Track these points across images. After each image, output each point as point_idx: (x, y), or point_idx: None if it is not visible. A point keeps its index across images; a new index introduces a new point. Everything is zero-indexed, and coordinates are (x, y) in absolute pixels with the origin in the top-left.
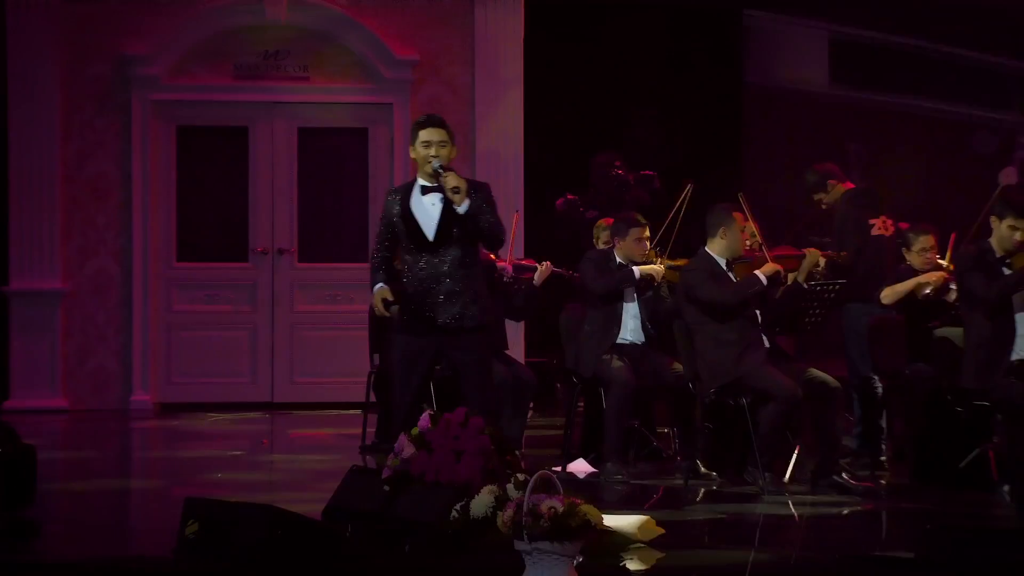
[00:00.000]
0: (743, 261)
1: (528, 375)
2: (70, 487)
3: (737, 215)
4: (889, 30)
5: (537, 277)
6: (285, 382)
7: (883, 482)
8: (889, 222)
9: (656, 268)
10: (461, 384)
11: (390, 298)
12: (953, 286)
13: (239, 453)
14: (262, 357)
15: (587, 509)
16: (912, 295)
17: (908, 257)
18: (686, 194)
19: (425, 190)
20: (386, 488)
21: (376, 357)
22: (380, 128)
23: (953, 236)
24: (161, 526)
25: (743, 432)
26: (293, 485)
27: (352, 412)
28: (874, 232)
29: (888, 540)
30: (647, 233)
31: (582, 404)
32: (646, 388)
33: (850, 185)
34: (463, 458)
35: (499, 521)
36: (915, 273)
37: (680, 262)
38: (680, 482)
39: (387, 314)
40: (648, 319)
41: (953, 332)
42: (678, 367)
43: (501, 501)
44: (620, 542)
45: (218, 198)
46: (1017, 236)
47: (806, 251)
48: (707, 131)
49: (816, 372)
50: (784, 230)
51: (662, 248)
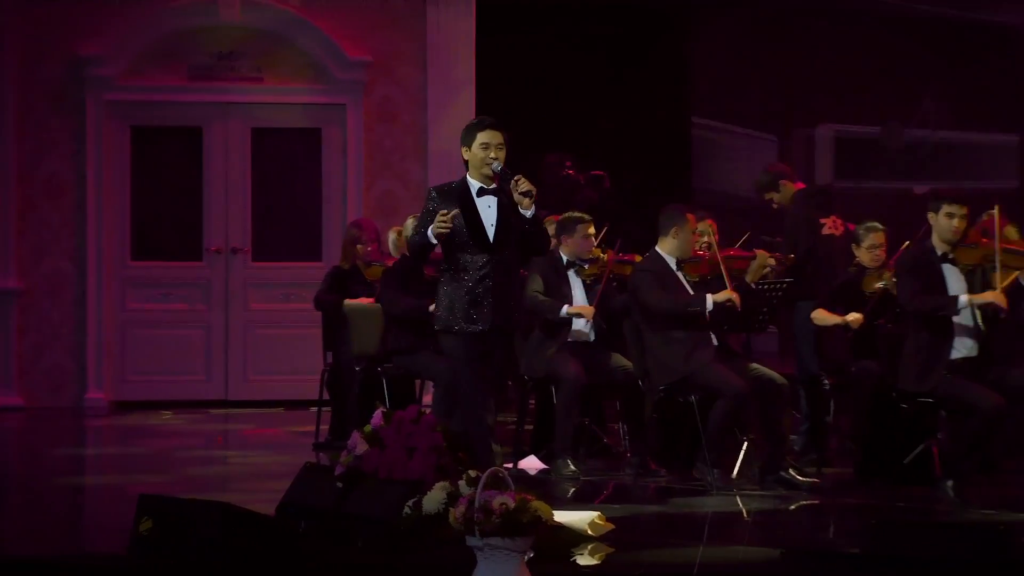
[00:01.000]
0: (693, 261)
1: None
2: (24, 484)
3: (690, 216)
4: None
5: None
6: (239, 380)
7: (829, 477)
8: (839, 222)
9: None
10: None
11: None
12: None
13: (194, 451)
14: (216, 355)
15: (538, 505)
16: (860, 293)
17: (858, 254)
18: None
19: (481, 192)
20: (339, 485)
21: (329, 355)
22: (333, 128)
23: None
24: (115, 524)
25: (692, 429)
26: (247, 482)
27: (306, 409)
28: (825, 232)
29: (834, 534)
30: (592, 229)
31: (533, 401)
32: (596, 385)
33: (801, 185)
34: (415, 455)
35: (451, 517)
36: (864, 271)
37: (633, 257)
38: (630, 478)
39: (450, 225)
40: (599, 316)
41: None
42: (628, 364)
43: (453, 497)
44: (570, 538)
45: (172, 198)
46: (955, 223)
47: (756, 252)
48: (657, 130)
49: (764, 369)
50: (738, 228)
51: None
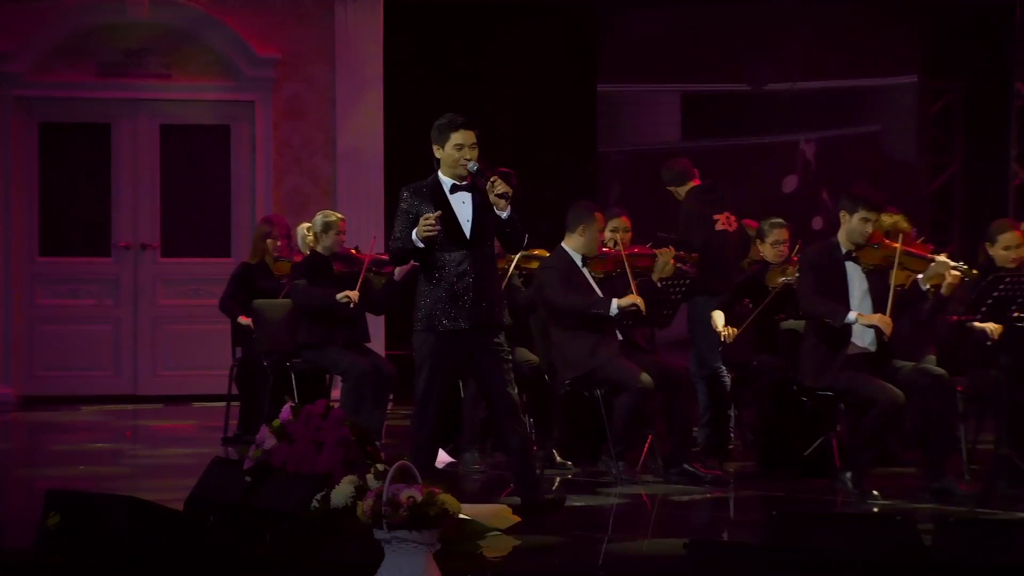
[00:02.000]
0: (598, 258)
1: (388, 367)
2: None
3: (598, 215)
4: None
5: (398, 273)
6: (148, 375)
7: (731, 470)
8: (732, 218)
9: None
10: (484, 383)
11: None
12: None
13: (102, 445)
14: (125, 350)
15: (445, 498)
16: (764, 287)
17: (762, 249)
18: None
19: (455, 189)
20: (247, 479)
21: (238, 350)
22: (242, 125)
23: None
24: (22, 518)
25: (597, 422)
26: (155, 476)
27: (215, 404)
28: (718, 227)
29: (736, 526)
30: None
31: None
32: None
33: (697, 182)
34: (324, 449)
35: (359, 510)
36: (768, 267)
37: (539, 252)
38: (536, 471)
39: (437, 228)
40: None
41: (799, 324)
42: (534, 359)
43: (361, 491)
44: (477, 530)
45: (81, 194)
46: (868, 228)
47: (659, 251)
48: (565, 129)
49: (668, 364)
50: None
51: None
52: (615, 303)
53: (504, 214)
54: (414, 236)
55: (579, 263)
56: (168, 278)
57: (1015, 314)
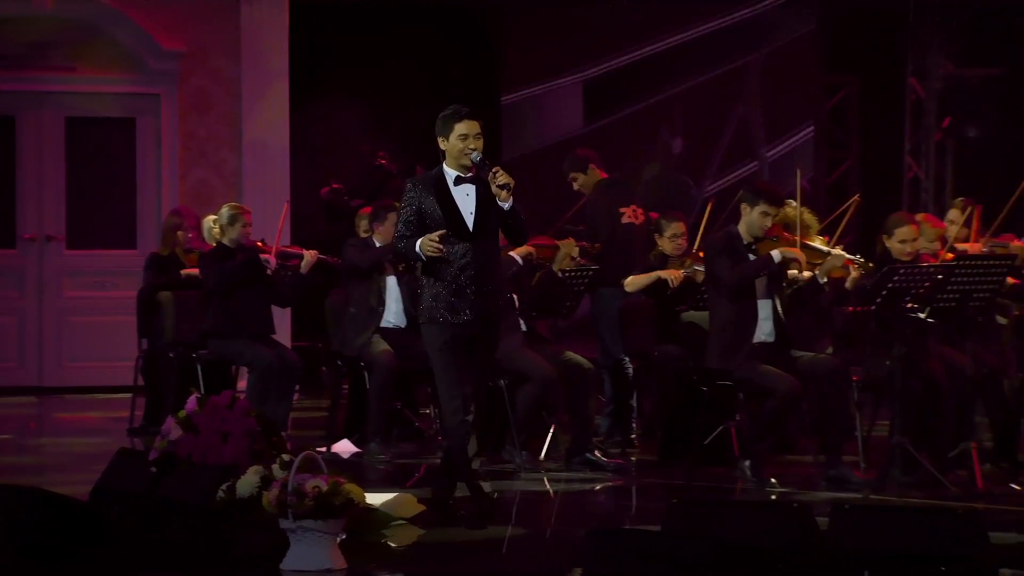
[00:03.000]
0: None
1: (294, 359)
2: None
3: None
4: None
5: (304, 265)
6: (54, 366)
7: (633, 459)
8: (639, 211)
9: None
10: (477, 371)
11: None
12: (698, 266)
13: (7, 437)
14: (30, 342)
15: (350, 488)
16: (662, 284)
17: (660, 243)
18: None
19: (459, 180)
20: (153, 470)
21: (144, 341)
22: (148, 118)
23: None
24: None
25: (501, 412)
26: (61, 468)
27: (120, 395)
28: (624, 220)
29: (637, 514)
30: None
31: (346, 386)
32: (409, 370)
33: (604, 175)
34: (230, 440)
35: (265, 500)
36: (666, 259)
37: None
38: (440, 461)
39: (441, 248)
40: (410, 302)
41: (699, 316)
42: None
43: (267, 481)
44: (382, 519)
45: None
46: (768, 222)
47: (561, 243)
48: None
49: (571, 354)
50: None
51: None
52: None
53: (506, 205)
54: (418, 249)
55: None
56: (73, 270)
57: (909, 305)
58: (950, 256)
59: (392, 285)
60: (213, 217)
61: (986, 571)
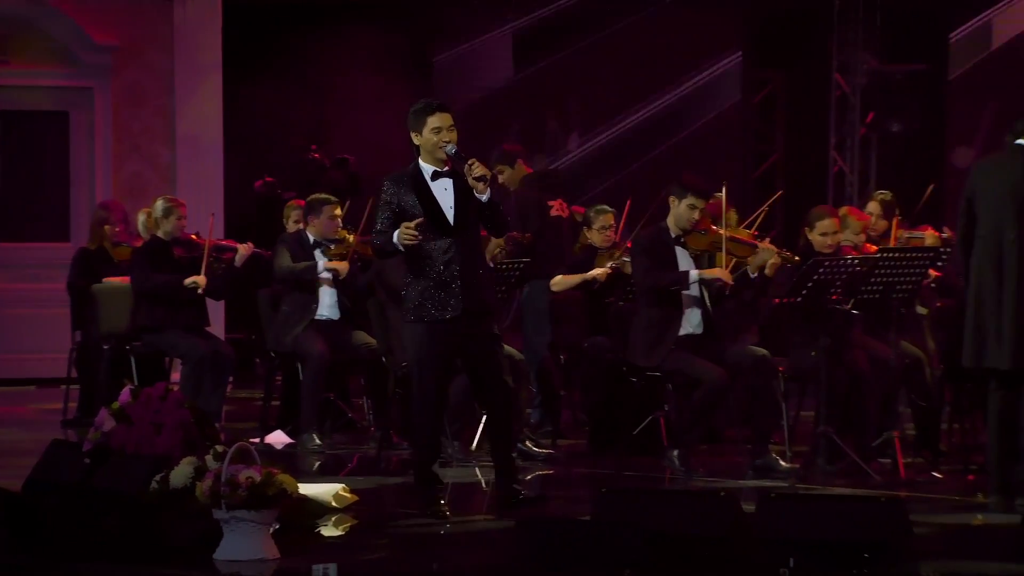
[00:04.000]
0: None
1: (227, 350)
2: None
3: None
4: None
5: (238, 258)
6: None
7: (563, 448)
8: (565, 205)
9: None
10: (474, 372)
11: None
12: (627, 258)
13: None
14: None
15: (283, 478)
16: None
17: (589, 235)
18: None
19: (436, 175)
20: (87, 461)
21: (78, 334)
22: (81, 112)
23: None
24: None
25: None
26: None
27: (54, 387)
28: (552, 213)
29: (567, 503)
30: (338, 211)
31: (280, 378)
32: (341, 362)
33: (530, 169)
34: (163, 431)
35: (198, 491)
36: (595, 251)
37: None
38: (373, 451)
39: (417, 235)
40: (343, 294)
41: (629, 307)
42: (372, 341)
43: (200, 472)
44: (315, 509)
45: None
46: (695, 215)
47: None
48: (400, 114)
49: (504, 346)
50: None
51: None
52: None
53: (484, 197)
54: (395, 239)
55: None
56: (6, 263)
57: (833, 297)
58: (873, 249)
59: (326, 277)
60: (147, 210)
61: (908, 557)
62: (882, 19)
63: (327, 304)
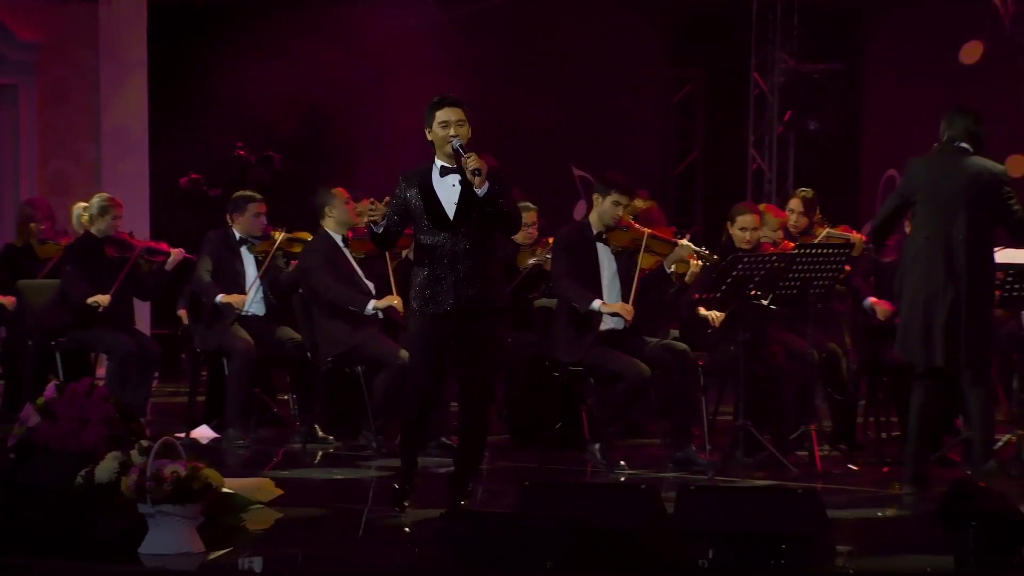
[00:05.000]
0: (359, 239)
1: (153, 346)
2: None
3: (338, 191)
4: None
5: (169, 263)
6: None
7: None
8: None
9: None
10: (462, 371)
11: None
12: (549, 255)
13: None
14: None
15: (209, 473)
16: (515, 268)
17: None
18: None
19: (444, 171)
20: (11, 456)
21: (3, 329)
22: (5, 109)
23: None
24: None
25: (358, 398)
26: None
27: None
28: None
29: (490, 496)
30: (263, 208)
31: (205, 373)
32: (267, 357)
33: None
34: (88, 426)
35: (123, 486)
36: (518, 248)
37: (303, 235)
38: (299, 446)
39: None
40: (269, 290)
41: (552, 302)
42: (297, 337)
43: (125, 466)
44: (240, 503)
45: None
46: (619, 212)
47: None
48: (325, 111)
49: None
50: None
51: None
52: (372, 304)
53: (480, 191)
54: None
55: (340, 243)
56: None
57: (752, 292)
58: (791, 245)
59: (252, 274)
60: (83, 205)
61: (824, 547)
62: (799, 19)
63: (253, 300)
